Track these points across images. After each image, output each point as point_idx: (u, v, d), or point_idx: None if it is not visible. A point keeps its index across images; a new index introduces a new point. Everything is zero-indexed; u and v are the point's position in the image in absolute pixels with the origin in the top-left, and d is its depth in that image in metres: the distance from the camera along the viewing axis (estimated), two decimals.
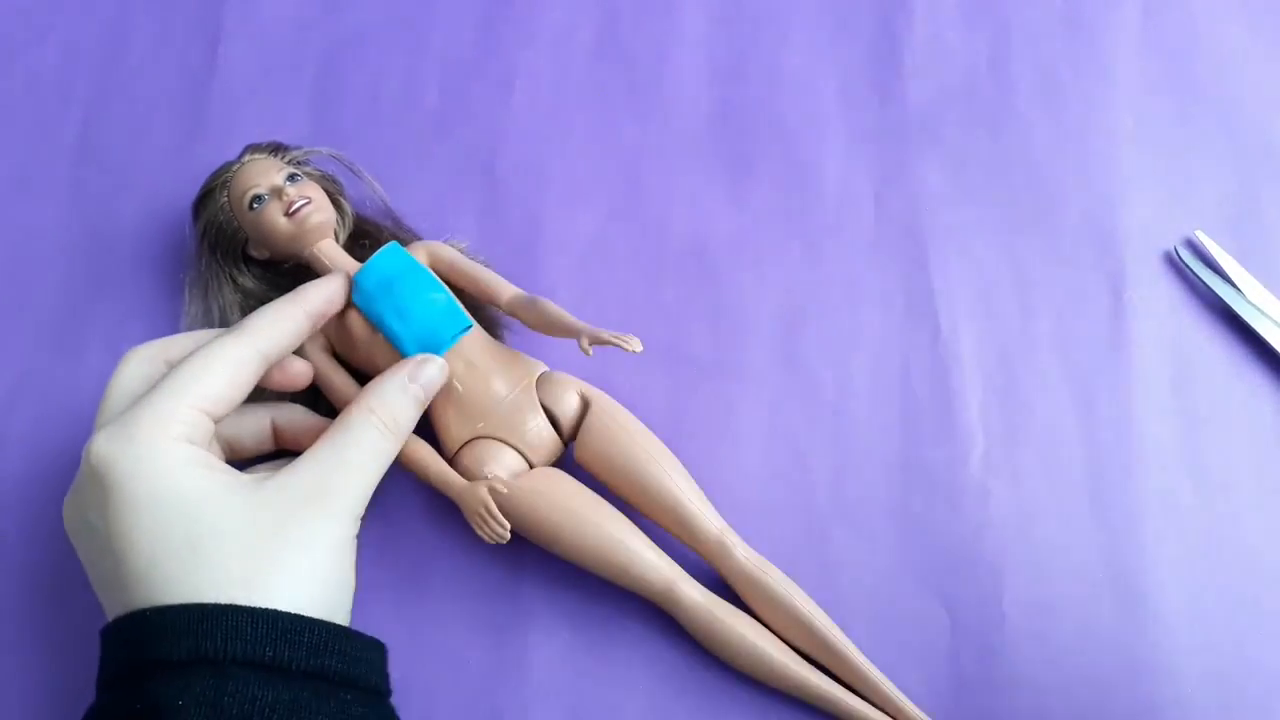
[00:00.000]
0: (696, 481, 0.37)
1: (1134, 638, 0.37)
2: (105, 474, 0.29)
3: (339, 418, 0.32)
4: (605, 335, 0.35)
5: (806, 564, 0.37)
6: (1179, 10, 0.47)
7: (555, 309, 0.36)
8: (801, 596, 0.36)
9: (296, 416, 0.37)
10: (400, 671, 0.32)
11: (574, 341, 0.35)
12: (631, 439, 0.36)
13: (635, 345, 0.34)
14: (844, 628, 0.35)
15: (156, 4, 0.48)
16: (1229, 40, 0.46)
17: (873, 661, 0.35)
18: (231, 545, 0.28)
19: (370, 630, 0.31)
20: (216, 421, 0.32)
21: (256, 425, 0.36)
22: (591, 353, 0.35)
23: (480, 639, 0.37)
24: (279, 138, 0.41)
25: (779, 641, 0.35)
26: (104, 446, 0.29)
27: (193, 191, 0.40)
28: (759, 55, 0.46)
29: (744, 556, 0.36)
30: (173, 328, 0.41)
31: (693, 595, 0.35)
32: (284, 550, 0.29)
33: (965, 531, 0.38)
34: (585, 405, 0.37)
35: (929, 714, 0.35)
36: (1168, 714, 0.36)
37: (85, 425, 0.40)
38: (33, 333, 0.42)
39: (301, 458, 0.31)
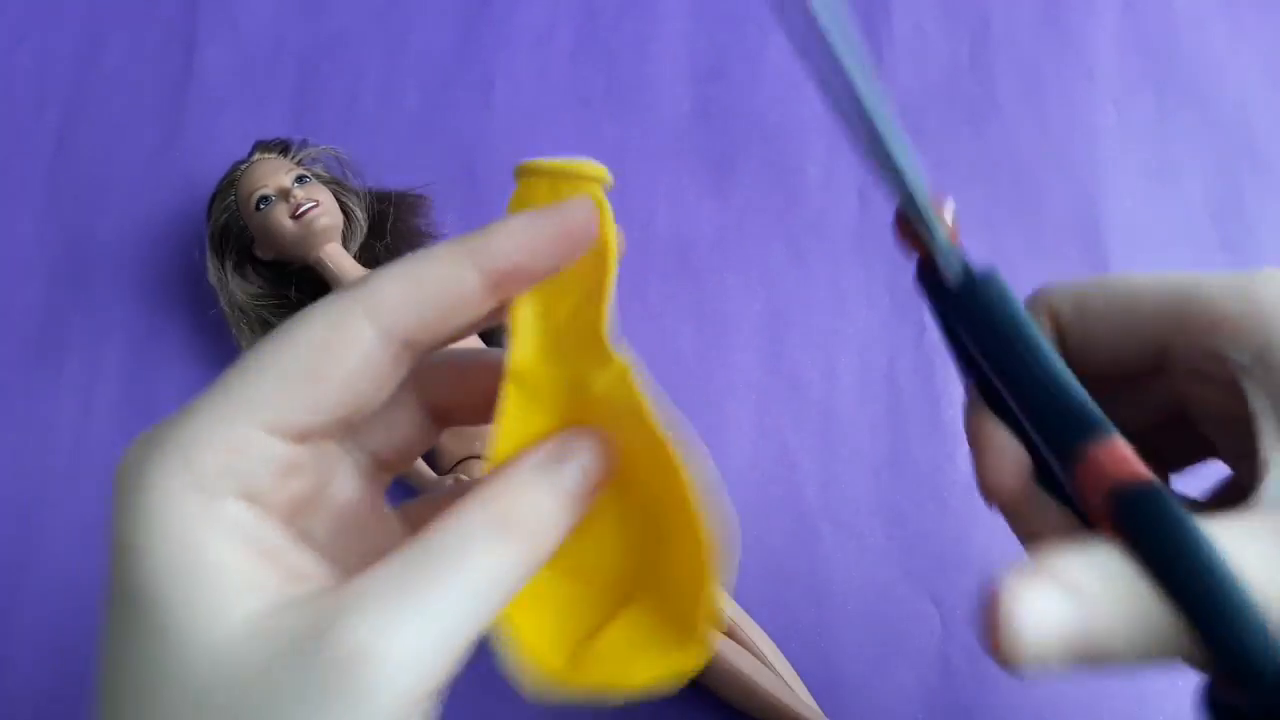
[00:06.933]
0: None
1: None
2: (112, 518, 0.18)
3: (432, 523, 0.18)
4: None
5: (795, 563, 0.37)
6: (1159, 4, 0.47)
7: None
8: (779, 659, 0.34)
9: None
10: None
11: None
12: None
13: None
14: (834, 626, 0.35)
15: (131, 10, 0.47)
16: (1209, 33, 0.46)
17: (864, 658, 0.35)
18: None
19: None
20: (304, 439, 0.19)
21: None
22: None
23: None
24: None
25: (769, 673, 0.34)
26: (120, 470, 0.18)
27: (172, 198, 0.40)
28: (740, 53, 0.46)
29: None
30: (150, 338, 0.41)
31: None
32: None
33: (954, 528, 0.38)
34: None
35: (922, 710, 0.35)
36: (1160, 705, 0.36)
37: (61, 437, 0.40)
38: (9, 343, 0.41)
39: (364, 573, 0.17)
